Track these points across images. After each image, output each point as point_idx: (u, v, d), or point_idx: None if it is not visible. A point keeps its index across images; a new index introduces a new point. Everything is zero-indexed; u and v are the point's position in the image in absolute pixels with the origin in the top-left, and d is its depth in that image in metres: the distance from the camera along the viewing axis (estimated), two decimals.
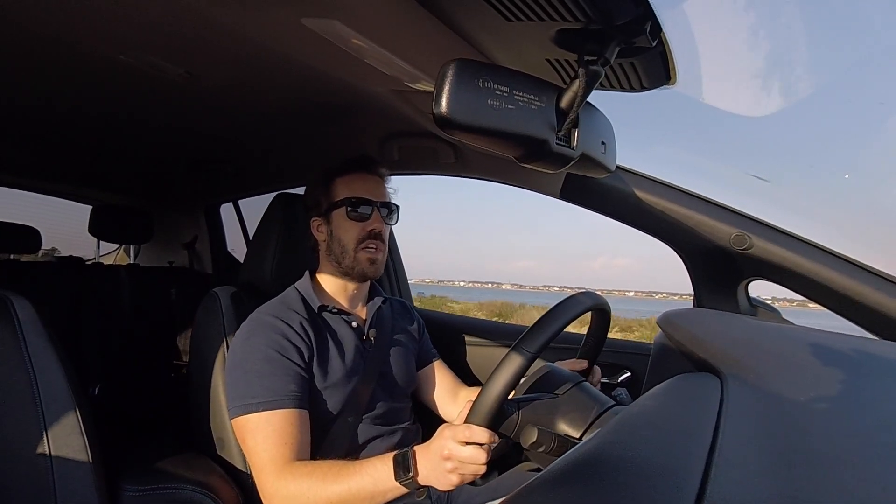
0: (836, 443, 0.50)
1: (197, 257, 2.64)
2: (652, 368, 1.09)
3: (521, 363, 0.83)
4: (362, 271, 1.20)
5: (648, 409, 0.63)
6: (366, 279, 1.25)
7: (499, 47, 0.85)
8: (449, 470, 0.88)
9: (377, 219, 1.21)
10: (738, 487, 0.40)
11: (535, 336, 0.85)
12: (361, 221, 1.19)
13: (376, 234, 1.20)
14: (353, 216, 1.19)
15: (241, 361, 1.09)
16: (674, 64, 0.76)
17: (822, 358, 0.81)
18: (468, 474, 0.88)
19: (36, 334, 0.98)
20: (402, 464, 0.92)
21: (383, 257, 1.23)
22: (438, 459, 0.89)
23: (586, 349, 1.18)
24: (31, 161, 2.03)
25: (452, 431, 0.88)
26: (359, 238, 1.19)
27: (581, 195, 1.36)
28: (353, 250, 1.19)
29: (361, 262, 1.20)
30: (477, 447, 0.86)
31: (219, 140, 1.72)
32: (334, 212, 1.21)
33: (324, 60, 0.99)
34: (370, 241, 1.20)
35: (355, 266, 1.20)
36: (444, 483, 0.90)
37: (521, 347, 0.84)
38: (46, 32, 0.95)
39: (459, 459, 0.87)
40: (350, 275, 1.22)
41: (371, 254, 1.20)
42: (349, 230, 1.20)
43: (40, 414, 0.93)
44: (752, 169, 11.69)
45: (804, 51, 3.17)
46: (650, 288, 65.94)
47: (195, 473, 1.10)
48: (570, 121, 0.65)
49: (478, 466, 0.87)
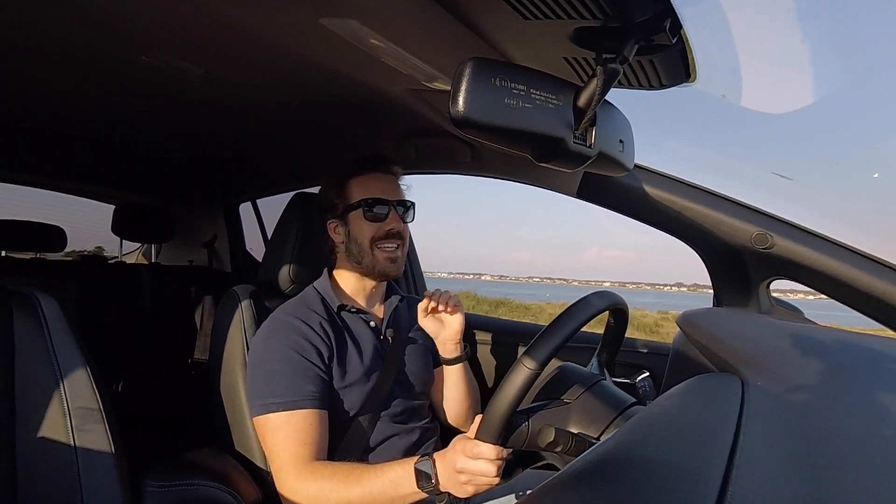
0: (858, 445, 0.49)
1: (216, 256, 2.67)
2: (671, 369, 1.07)
3: (528, 376, 0.80)
4: (383, 270, 1.21)
5: (668, 409, 0.63)
6: (386, 278, 1.25)
7: (516, 45, 0.85)
8: (463, 482, 0.90)
9: (394, 218, 1.21)
10: (759, 490, 0.39)
11: (543, 346, 0.81)
12: (378, 221, 1.20)
13: (395, 234, 1.21)
14: (370, 217, 1.20)
15: (261, 361, 1.11)
16: (694, 61, 0.75)
17: (845, 358, 0.79)
18: (482, 486, 0.90)
19: (61, 331, 0.99)
20: (423, 472, 0.94)
21: (403, 255, 1.23)
22: (452, 471, 0.91)
23: (606, 342, 1.17)
24: (56, 161, 2.07)
25: (463, 446, 0.90)
26: (377, 238, 1.20)
27: (598, 194, 1.35)
28: (371, 250, 1.20)
29: (381, 261, 1.20)
30: (487, 461, 0.87)
31: (238, 140, 1.74)
32: (351, 213, 1.21)
33: (341, 60, 1.00)
34: (389, 240, 1.20)
35: (375, 265, 1.20)
36: (461, 492, 0.92)
37: (528, 359, 0.80)
38: (70, 35, 0.97)
39: (471, 473, 0.89)
40: (370, 274, 1.23)
41: (390, 252, 1.20)
42: (367, 231, 1.20)
43: (66, 410, 0.95)
44: (775, 167, 11.55)
45: (828, 46, 3.06)
46: (642, 279, 64.64)
47: (216, 470, 1.11)
48: (588, 119, 0.65)
49: (490, 479, 0.89)
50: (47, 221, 2.17)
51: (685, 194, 1.23)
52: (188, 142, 1.80)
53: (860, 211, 2.44)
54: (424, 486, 0.93)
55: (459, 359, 1.27)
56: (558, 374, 1.05)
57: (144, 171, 2.25)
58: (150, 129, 1.64)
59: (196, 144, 1.83)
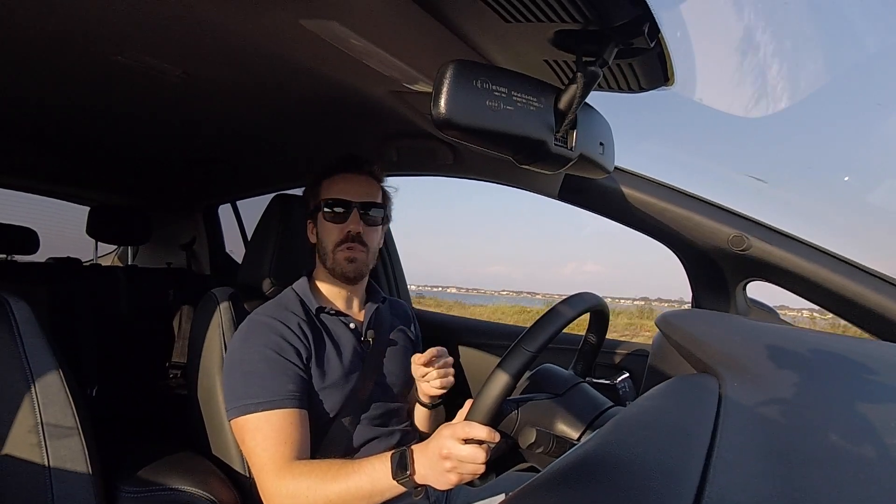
0: (832, 443, 0.50)
1: (195, 258, 2.64)
2: (650, 370, 1.09)
3: (522, 362, 0.83)
4: (342, 271, 1.19)
5: (647, 409, 0.63)
6: (348, 280, 1.22)
7: (497, 48, 0.85)
8: (447, 469, 0.87)
9: (355, 219, 1.19)
10: (736, 488, 0.40)
11: (536, 335, 0.85)
12: (340, 223, 1.18)
13: (354, 236, 1.18)
14: (329, 217, 1.19)
15: (239, 362, 1.09)
16: (672, 65, 0.76)
17: (819, 359, 0.81)
18: (467, 474, 0.87)
19: (33, 335, 0.97)
20: (399, 462, 0.92)
21: (365, 256, 1.21)
22: (437, 458, 0.88)
23: (585, 350, 1.18)
24: (28, 162, 2.02)
25: (452, 430, 0.87)
26: (337, 240, 1.18)
27: (579, 196, 1.36)
28: (332, 252, 1.19)
29: (340, 262, 1.19)
30: (476, 446, 0.85)
31: (217, 141, 1.72)
32: (318, 214, 1.21)
33: (322, 61, 0.99)
34: (347, 242, 1.18)
35: (335, 267, 1.19)
36: (443, 482, 0.89)
37: (522, 347, 0.84)
38: (43, 33, 0.95)
39: (458, 458, 0.86)
40: (334, 275, 1.22)
41: (347, 253, 1.18)
42: (330, 232, 1.19)
43: (37, 415, 0.93)
44: (750, 170, 11.64)
45: (803, 51, 3.15)
46: (617, 294, 64.95)
47: (193, 475, 1.09)
48: (569, 122, 0.65)
49: (476, 466, 0.86)
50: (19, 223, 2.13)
51: (664, 196, 1.24)
52: (166, 142, 1.77)
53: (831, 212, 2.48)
54: (400, 478, 0.91)
55: (427, 406, 1.23)
56: (539, 374, 1.06)
57: (121, 172, 2.21)
58: (127, 129, 1.61)
59: (174, 145, 1.80)
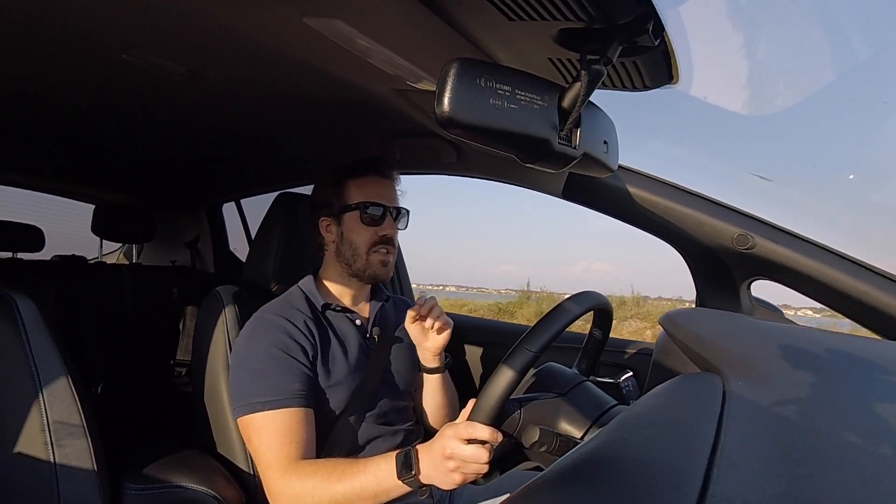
0: (837, 442, 0.50)
1: (199, 257, 2.64)
2: (654, 368, 1.08)
3: (525, 361, 0.83)
4: (374, 274, 1.21)
5: (651, 408, 0.63)
6: (377, 281, 1.25)
7: (501, 46, 0.85)
8: (451, 469, 0.88)
9: (390, 224, 1.21)
10: (740, 487, 0.40)
11: (539, 334, 0.85)
12: (374, 226, 1.19)
13: (388, 239, 1.20)
14: (367, 221, 1.19)
15: (245, 360, 1.09)
16: (677, 63, 0.76)
17: (825, 358, 0.81)
18: (470, 474, 0.87)
19: (39, 333, 0.98)
20: (404, 462, 0.92)
21: (394, 260, 1.23)
22: (440, 458, 0.88)
23: (588, 348, 1.18)
24: (33, 160, 2.03)
25: (455, 430, 0.87)
26: (371, 242, 1.19)
27: (583, 194, 1.36)
28: (366, 253, 1.19)
29: (374, 264, 1.20)
30: (479, 446, 0.85)
31: (221, 139, 1.72)
32: (346, 214, 1.21)
33: (326, 59, 0.99)
34: (382, 245, 1.20)
35: (367, 269, 1.20)
36: (447, 482, 0.89)
37: (524, 346, 0.84)
38: (48, 31, 0.95)
39: (462, 458, 0.86)
40: (360, 277, 1.22)
41: (383, 256, 1.20)
42: (362, 234, 1.20)
43: (43, 412, 0.94)
44: (756, 169, 11.61)
45: (808, 49, 3.14)
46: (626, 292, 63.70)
47: (198, 473, 1.10)
48: (572, 120, 0.65)
49: (480, 465, 0.86)
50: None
51: (668, 195, 1.24)
52: (171, 141, 1.78)
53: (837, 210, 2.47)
54: (405, 477, 0.91)
55: (438, 370, 1.26)
56: (543, 373, 1.06)
57: (126, 170, 2.22)
58: (133, 128, 1.62)
59: (179, 143, 1.81)
